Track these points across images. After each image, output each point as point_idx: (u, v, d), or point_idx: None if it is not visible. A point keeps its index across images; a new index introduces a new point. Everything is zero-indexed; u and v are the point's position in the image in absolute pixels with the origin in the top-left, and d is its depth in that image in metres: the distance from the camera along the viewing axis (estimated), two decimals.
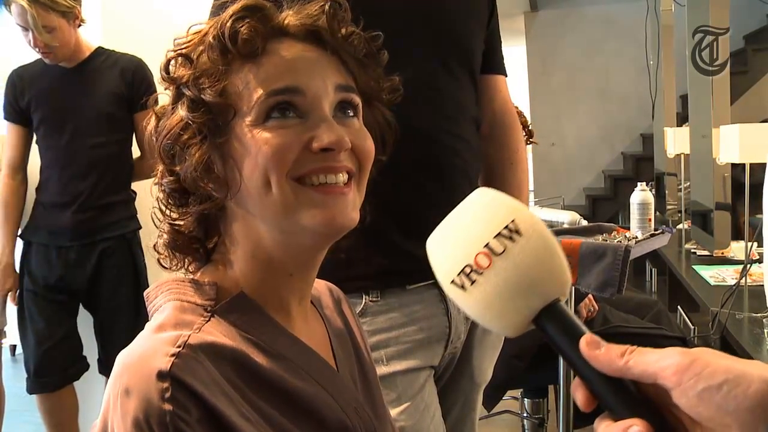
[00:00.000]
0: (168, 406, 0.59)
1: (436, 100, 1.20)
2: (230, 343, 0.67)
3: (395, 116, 0.81)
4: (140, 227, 2.44)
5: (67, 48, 2.29)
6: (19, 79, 2.41)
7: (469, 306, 0.57)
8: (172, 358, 0.61)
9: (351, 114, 0.72)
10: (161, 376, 0.60)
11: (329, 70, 0.71)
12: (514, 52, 7.00)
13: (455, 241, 0.60)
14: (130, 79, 2.32)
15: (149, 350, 0.63)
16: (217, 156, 0.70)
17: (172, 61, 0.71)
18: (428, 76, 1.18)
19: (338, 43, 0.72)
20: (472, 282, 0.56)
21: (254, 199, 0.69)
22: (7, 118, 2.43)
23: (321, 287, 0.89)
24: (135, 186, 2.48)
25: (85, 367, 2.49)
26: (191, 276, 0.74)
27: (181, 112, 0.69)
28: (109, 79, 2.34)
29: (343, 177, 0.70)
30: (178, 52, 0.71)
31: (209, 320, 0.68)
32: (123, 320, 2.34)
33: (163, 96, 0.75)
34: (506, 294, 0.55)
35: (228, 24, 0.69)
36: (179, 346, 0.62)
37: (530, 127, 2.99)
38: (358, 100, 0.73)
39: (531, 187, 7.63)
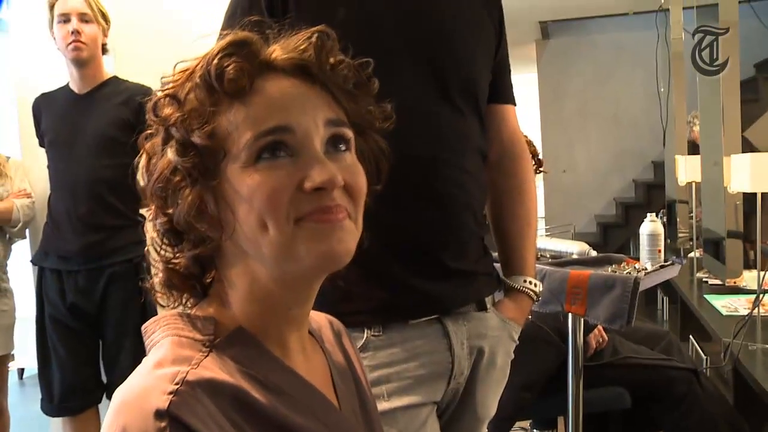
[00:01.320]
0: None
1: (435, 130, 1.17)
2: (229, 379, 0.66)
3: (392, 146, 0.80)
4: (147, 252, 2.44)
5: (95, 48, 2.37)
6: (38, 105, 2.51)
7: None
8: (170, 396, 0.60)
9: (343, 148, 0.71)
10: (159, 415, 0.59)
11: (318, 105, 0.70)
12: (526, 80, 7.03)
13: None
14: (136, 106, 2.33)
15: (147, 388, 0.62)
16: (209, 197, 0.69)
17: (160, 101, 0.70)
18: (426, 105, 1.16)
19: (327, 76, 0.71)
20: None
21: (250, 240, 0.68)
22: (40, 144, 2.52)
23: (321, 320, 0.89)
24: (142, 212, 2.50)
25: (105, 392, 2.50)
26: (189, 311, 0.74)
27: (170, 155, 0.68)
28: (115, 104, 2.38)
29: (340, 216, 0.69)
30: (165, 92, 0.70)
31: (208, 355, 0.67)
32: (129, 346, 2.34)
33: None
34: None
35: (214, 62, 0.68)
36: (177, 384, 0.62)
37: (540, 156, 2.99)
38: (349, 133, 0.72)
39: (542, 214, 7.62)
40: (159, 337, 0.71)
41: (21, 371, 4.60)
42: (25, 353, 3.76)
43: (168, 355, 0.66)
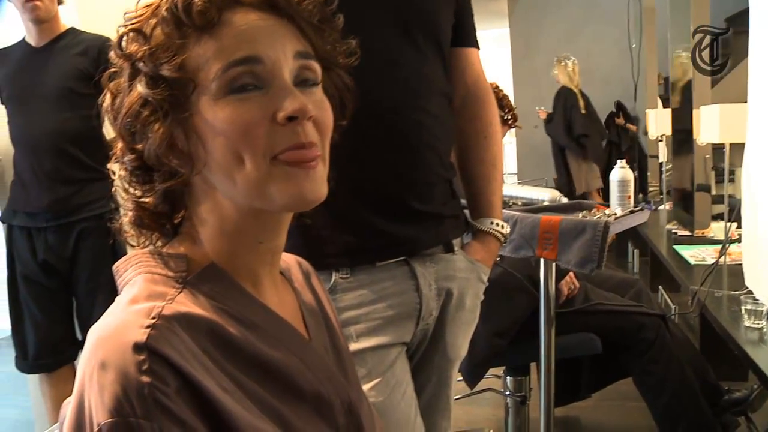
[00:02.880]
0: (146, 379, 0.58)
1: (398, 72, 1.17)
2: (204, 313, 0.66)
3: (355, 88, 0.81)
4: (118, 206, 2.41)
5: (50, 4, 2.29)
6: None
7: None
8: (148, 330, 0.60)
9: (311, 83, 0.71)
10: (138, 348, 0.59)
11: (287, 37, 0.70)
12: (497, 34, 6.99)
13: None
14: (94, 56, 2.30)
15: (124, 323, 0.62)
16: (180, 131, 0.68)
17: (125, 37, 0.69)
18: (388, 47, 1.16)
19: (294, 10, 0.71)
20: None
21: (223, 173, 0.68)
22: (1, 102, 2.45)
23: (290, 260, 0.89)
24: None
25: (81, 349, 2.49)
26: (160, 250, 0.74)
27: (140, 88, 0.67)
28: (73, 55, 2.32)
29: (313, 155, 0.69)
30: (130, 27, 0.69)
31: (181, 292, 0.67)
32: (101, 302, 2.32)
33: None
34: None
35: None
36: (154, 318, 0.62)
37: (515, 111, 2.99)
38: (317, 67, 0.72)
39: (514, 169, 7.66)
40: (131, 275, 0.71)
41: None
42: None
43: (142, 292, 0.66)
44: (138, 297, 0.66)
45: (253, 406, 0.65)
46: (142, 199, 0.73)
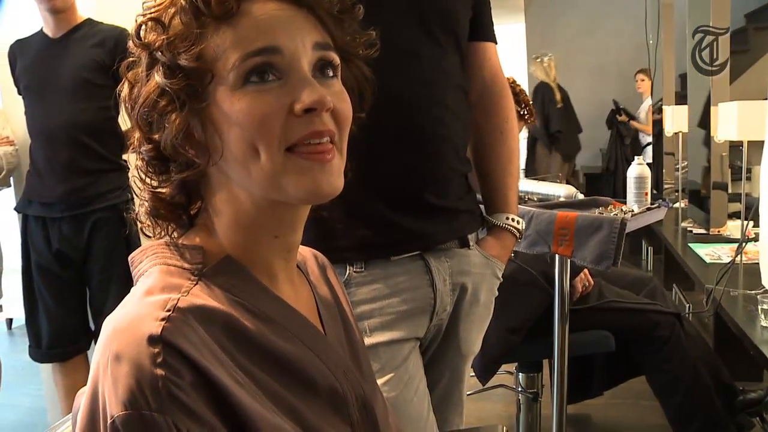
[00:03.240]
0: (160, 371, 0.58)
1: (416, 65, 1.17)
2: (219, 306, 0.66)
3: (373, 81, 0.80)
4: (133, 197, 2.42)
5: None
6: (12, 51, 2.45)
7: None
8: (163, 322, 0.60)
9: (330, 74, 0.71)
10: (152, 340, 0.59)
11: (306, 28, 0.69)
12: (514, 29, 6.95)
13: None
14: (111, 47, 2.30)
15: (139, 315, 0.62)
16: (197, 122, 0.68)
17: (143, 26, 0.69)
18: (406, 40, 1.16)
19: (313, 0, 0.70)
20: None
21: (239, 165, 0.68)
22: (18, 92, 2.45)
23: (306, 253, 0.89)
24: (128, 157, 2.47)
25: (94, 339, 2.50)
26: (176, 241, 0.73)
27: (158, 78, 0.67)
28: (90, 47, 2.33)
29: (326, 139, 0.68)
30: (149, 16, 0.68)
31: (197, 284, 0.67)
32: (115, 292, 2.34)
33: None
34: None
35: None
36: (169, 310, 0.62)
37: (532, 106, 2.97)
38: (337, 58, 0.71)
39: (523, 164, 7.62)
40: (147, 266, 0.71)
41: (9, 321, 4.61)
42: (14, 304, 3.76)
43: (157, 283, 0.66)
44: (153, 288, 0.65)
45: (267, 400, 0.65)
46: (158, 190, 0.73)
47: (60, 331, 2.42)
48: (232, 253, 0.72)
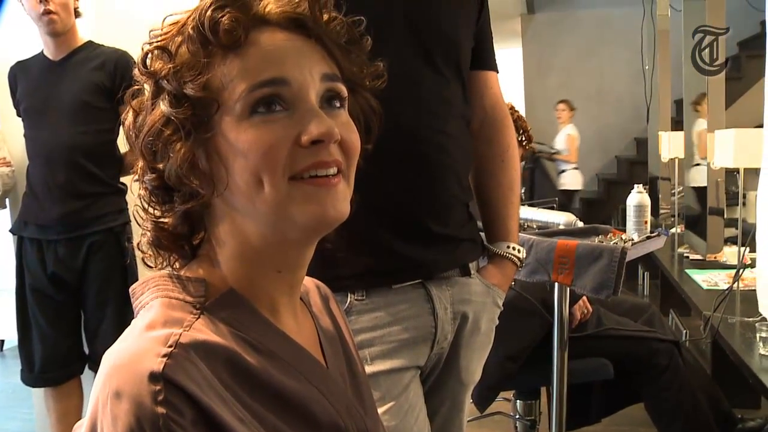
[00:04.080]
0: (161, 410, 0.57)
1: (418, 95, 1.17)
2: (222, 341, 0.65)
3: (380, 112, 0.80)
4: (129, 221, 2.41)
5: (67, 17, 2.30)
6: (13, 73, 2.45)
7: None
8: (165, 359, 0.59)
9: (338, 105, 0.70)
10: (153, 378, 0.58)
11: (314, 59, 0.68)
12: (511, 54, 7.00)
13: None
14: (111, 70, 2.31)
15: (139, 350, 0.60)
16: (201, 152, 0.67)
17: (149, 55, 0.68)
18: (409, 70, 1.16)
19: (321, 31, 0.70)
20: None
21: (244, 196, 0.67)
22: (17, 113, 2.45)
23: (309, 284, 0.88)
24: (125, 180, 2.46)
25: (87, 363, 2.48)
26: (178, 273, 0.72)
27: (163, 107, 0.66)
28: (90, 69, 2.33)
29: (333, 171, 0.68)
30: (155, 45, 0.68)
31: (199, 317, 0.66)
32: (110, 315, 2.31)
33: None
34: None
35: (207, 14, 0.66)
36: (171, 346, 0.60)
37: (530, 132, 2.98)
38: (344, 90, 0.71)
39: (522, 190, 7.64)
40: (148, 299, 0.69)
41: (1, 343, 4.56)
42: (6, 325, 3.73)
43: (159, 317, 0.65)
44: (155, 323, 0.64)
45: None
46: (161, 220, 0.72)
47: (53, 355, 2.39)
48: (235, 285, 0.70)
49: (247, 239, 0.69)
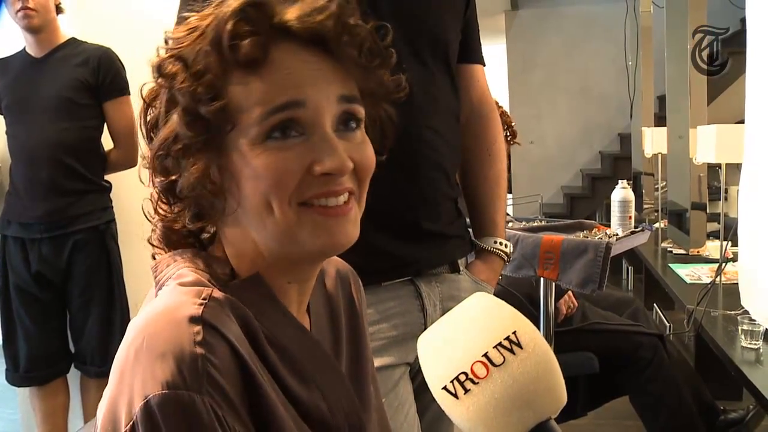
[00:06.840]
0: (200, 350, 0.57)
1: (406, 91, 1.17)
2: (247, 312, 0.65)
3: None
4: (114, 219, 2.40)
5: (46, 14, 2.28)
6: None
7: (459, 415, 0.55)
8: (202, 306, 0.60)
9: (354, 126, 0.69)
10: (193, 320, 0.58)
11: (332, 80, 0.67)
12: (495, 50, 7.01)
13: (451, 346, 0.58)
14: (95, 67, 2.29)
15: (175, 301, 0.61)
16: (215, 168, 0.66)
17: (165, 62, 0.66)
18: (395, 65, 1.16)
19: (343, 49, 0.67)
20: (466, 391, 0.54)
21: (255, 218, 0.66)
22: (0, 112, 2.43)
23: (329, 268, 0.85)
24: (110, 177, 2.45)
25: (73, 362, 2.47)
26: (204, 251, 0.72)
27: (177, 127, 0.65)
28: (72, 66, 2.31)
29: (344, 198, 0.67)
30: (172, 53, 0.66)
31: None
32: (96, 314, 2.30)
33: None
34: (501, 408, 0.53)
35: (228, 27, 0.63)
36: (205, 299, 0.61)
37: (514, 127, 2.99)
38: (361, 111, 0.69)
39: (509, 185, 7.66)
40: (173, 270, 0.68)
41: None
42: None
43: (189, 279, 0.66)
44: (185, 282, 0.65)
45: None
46: (169, 220, 0.71)
47: (39, 354, 2.38)
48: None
49: (257, 248, 0.69)
